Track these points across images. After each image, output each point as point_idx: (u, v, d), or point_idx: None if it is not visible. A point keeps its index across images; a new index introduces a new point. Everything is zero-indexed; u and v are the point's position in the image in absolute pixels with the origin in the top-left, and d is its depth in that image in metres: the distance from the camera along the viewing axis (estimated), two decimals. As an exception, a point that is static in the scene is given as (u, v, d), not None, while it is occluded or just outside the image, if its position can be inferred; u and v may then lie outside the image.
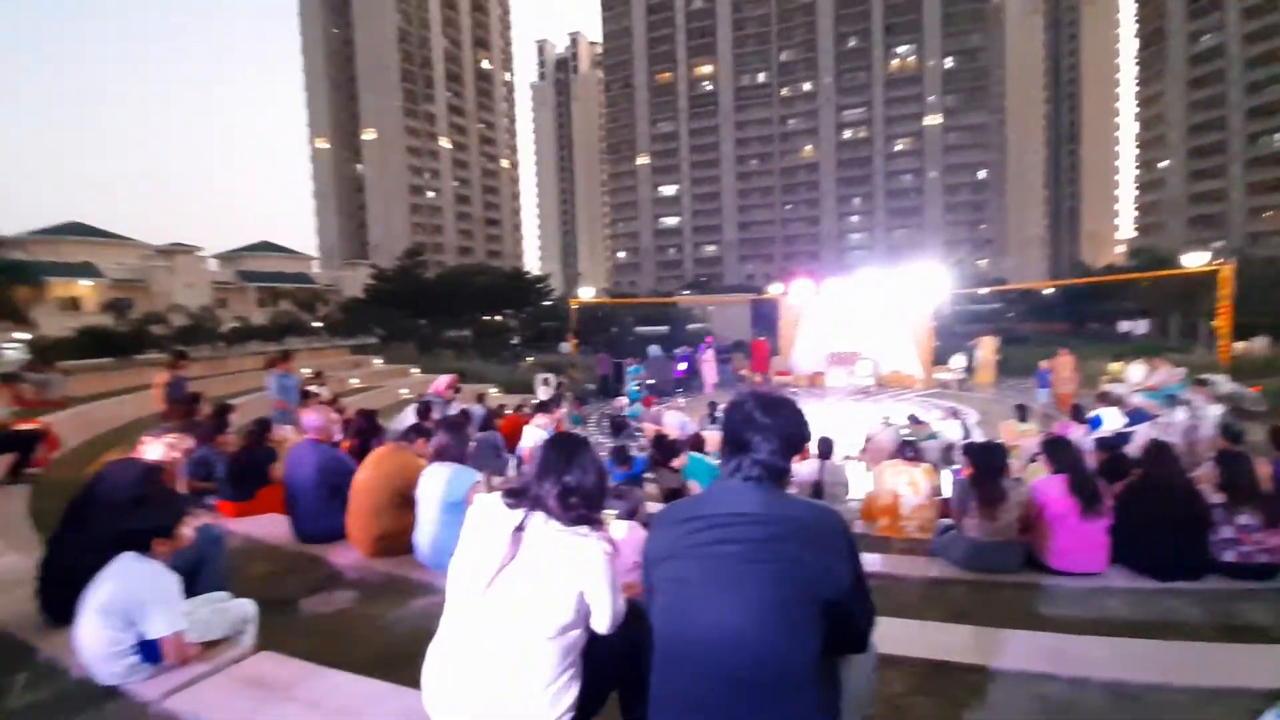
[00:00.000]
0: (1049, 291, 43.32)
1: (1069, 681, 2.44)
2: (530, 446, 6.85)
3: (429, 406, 7.39)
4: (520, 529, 1.57)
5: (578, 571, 1.54)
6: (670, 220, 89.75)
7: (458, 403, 11.29)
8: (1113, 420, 7.92)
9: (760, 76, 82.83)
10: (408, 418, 7.03)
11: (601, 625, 1.60)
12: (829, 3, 77.68)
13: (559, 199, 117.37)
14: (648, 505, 3.84)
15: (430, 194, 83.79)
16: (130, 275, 39.74)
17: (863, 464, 8.14)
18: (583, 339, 27.89)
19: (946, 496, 5.43)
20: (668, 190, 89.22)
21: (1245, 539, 3.55)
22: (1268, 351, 17.64)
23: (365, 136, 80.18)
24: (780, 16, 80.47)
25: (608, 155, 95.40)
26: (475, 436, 5.66)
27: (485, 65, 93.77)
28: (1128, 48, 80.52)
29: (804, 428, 1.56)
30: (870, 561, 3.98)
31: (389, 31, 77.96)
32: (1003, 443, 5.20)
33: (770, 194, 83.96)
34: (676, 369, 19.68)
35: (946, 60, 74.54)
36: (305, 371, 13.32)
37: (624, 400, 14.46)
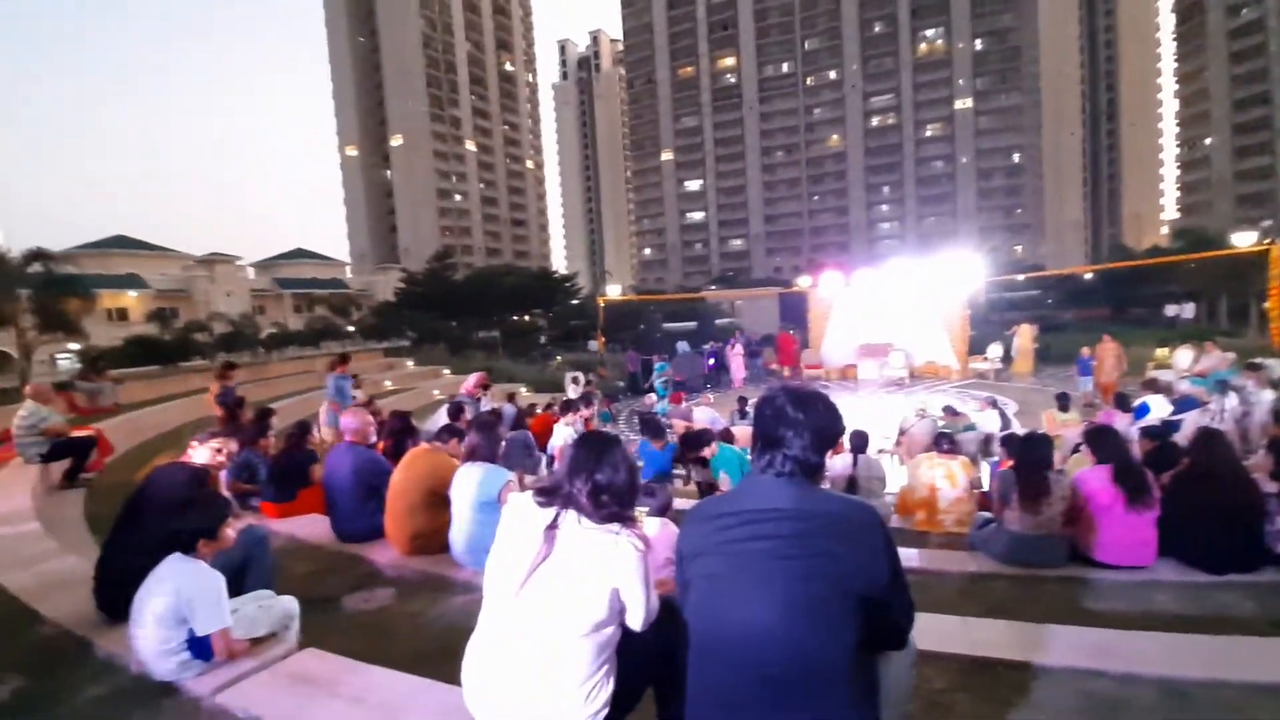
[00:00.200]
0: (1089, 276, 42.04)
1: (1117, 678, 2.37)
2: (560, 445, 6.90)
3: (460, 407, 7.48)
4: (553, 527, 1.58)
5: (611, 569, 1.54)
6: (696, 215, 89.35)
7: (487, 400, 11.48)
8: (1160, 408, 7.66)
9: (784, 66, 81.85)
10: (440, 419, 7.14)
11: (636, 622, 1.61)
12: (853, -12, 76.45)
13: (584, 197, 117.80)
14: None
15: (457, 197, 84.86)
16: (173, 285, 41.12)
17: (897, 457, 8.03)
18: (610, 337, 27.99)
19: (985, 489, 5.32)
20: (692, 185, 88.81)
21: (1303, 529, 3.41)
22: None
23: (393, 143, 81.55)
24: (803, 4, 79.26)
25: (631, 152, 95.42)
26: (506, 436, 5.72)
27: (508, 67, 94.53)
28: (1166, 22, 77.71)
29: (837, 422, 1.53)
30: (908, 556, 3.93)
31: (413, 37, 79.06)
32: (1047, 433, 5.07)
33: (797, 185, 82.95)
34: (705, 364, 19.63)
35: (976, 42, 72.71)
36: (326, 381, 13.64)
37: (653, 397, 14.47)
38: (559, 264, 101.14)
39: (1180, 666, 2.41)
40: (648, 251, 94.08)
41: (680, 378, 17.74)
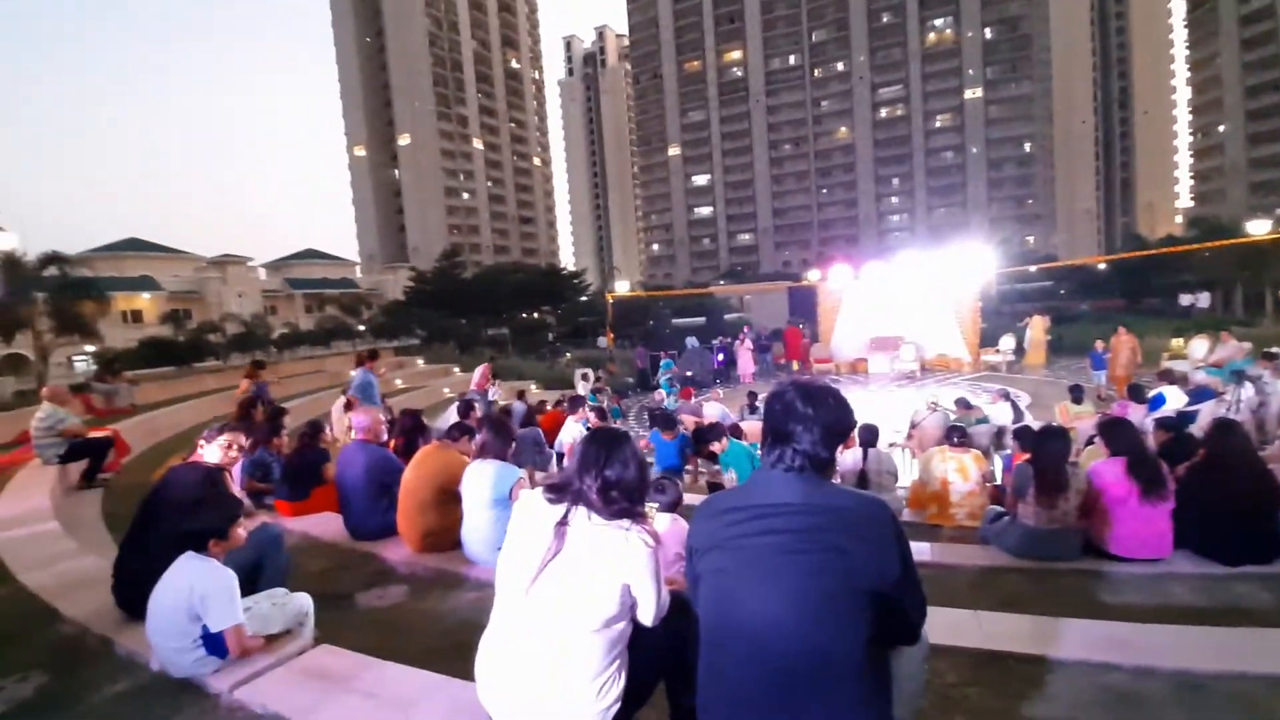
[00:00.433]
0: (1102, 267, 41.55)
1: (1132, 671, 2.36)
2: (570, 441, 6.93)
3: (471, 404, 7.52)
4: (564, 524, 1.59)
5: (621, 565, 1.55)
6: (704, 210, 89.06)
7: (495, 389, 11.58)
8: (1175, 399, 7.57)
9: (791, 59, 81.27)
10: (451, 416, 7.18)
11: (647, 618, 1.62)
12: (860, -21, 75.75)
13: (591, 194, 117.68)
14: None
15: (465, 195, 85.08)
16: (186, 287, 41.55)
17: (908, 451, 7.99)
18: (619, 333, 27.98)
19: (998, 483, 5.29)
20: (700, 180, 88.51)
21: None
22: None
23: (400, 142, 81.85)
24: (810, -4, 78.77)
25: (638, 148, 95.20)
26: (517, 433, 5.75)
27: (514, 64, 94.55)
28: (1178, 7, 76.55)
29: (847, 417, 1.52)
30: (919, 550, 3.91)
31: (419, 36, 79.22)
32: (1063, 426, 5.03)
33: (805, 179, 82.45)
34: (715, 360, 19.60)
35: (986, 30, 71.79)
36: (352, 374, 13.72)
37: (662, 393, 14.49)
38: (567, 260, 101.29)
39: (1196, 659, 2.40)
40: (656, 247, 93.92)
41: (689, 373, 17.74)
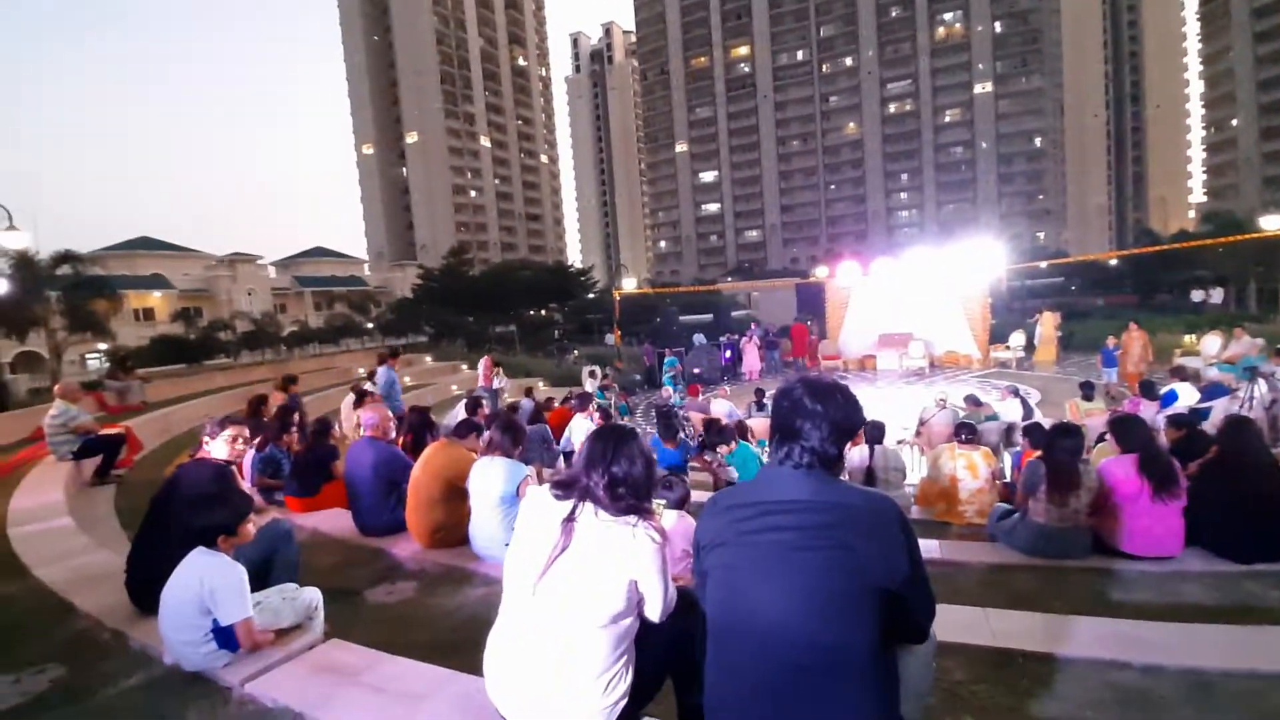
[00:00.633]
0: (1114, 262, 41.19)
1: (1142, 669, 2.34)
2: (578, 438, 6.93)
3: (479, 401, 7.55)
4: (571, 520, 1.60)
5: (628, 561, 1.55)
6: (711, 207, 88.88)
7: (499, 378, 11.61)
8: (1187, 396, 7.51)
9: (799, 54, 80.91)
10: (459, 413, 7.20)
11: (654, 614, 1.62)
12: (869, -27, 75.23)
13: (599, 191, 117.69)
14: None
15: (473, 193, 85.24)
16: (197, 285, 41.88)
17: (916, 448, 7.96)
18: (627, 330, 27.98)
19: (1008, 480, 5.26)
20: (707, 176, 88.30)
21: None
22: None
23: (408, 140, 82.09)
24: (818, -10, 78.33)
25: (645, 144, 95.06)
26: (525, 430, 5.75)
27: (521, 62, 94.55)
28: (1190, 1, 75.57)
29: (856, 414, 1.50)
30: (928, 547, 3.89)
31: (426, 34, 79.36)
32: (1075, 423, 4.99)
33: (813, 175, 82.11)
34: (722, 357, 19.57)
35: (996, 24, 71.23)
36: (361, 371, 13.81)
37: (669, 390, 14.46)
38: (574, 258, 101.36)
39: (1207, 657, 2.38)
40: (663, 244, 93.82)
41: (696, 370, 17.71)
